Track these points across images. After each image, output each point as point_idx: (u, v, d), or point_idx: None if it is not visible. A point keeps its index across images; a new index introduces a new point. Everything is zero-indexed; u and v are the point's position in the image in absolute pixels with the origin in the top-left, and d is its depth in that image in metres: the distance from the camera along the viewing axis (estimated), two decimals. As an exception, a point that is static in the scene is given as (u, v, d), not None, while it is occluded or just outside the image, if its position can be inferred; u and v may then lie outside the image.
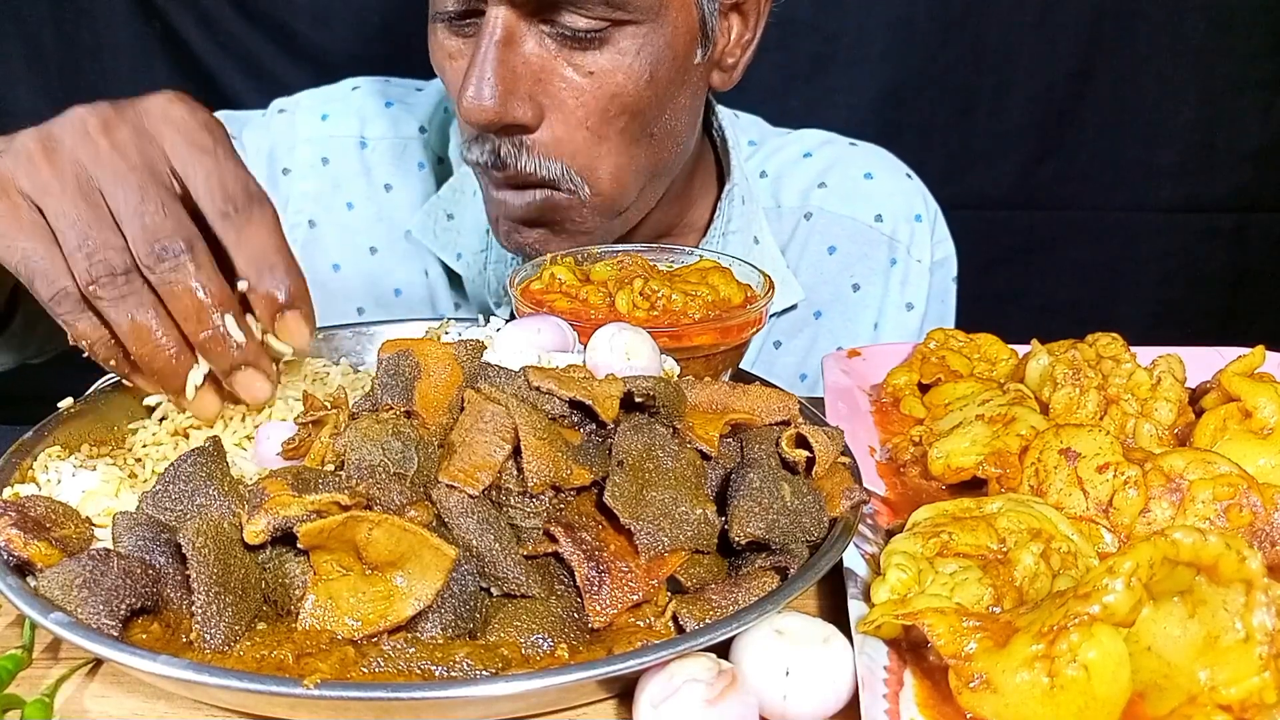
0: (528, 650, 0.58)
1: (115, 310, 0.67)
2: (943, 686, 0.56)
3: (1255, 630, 0.53)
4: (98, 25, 1.90)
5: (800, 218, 1.30)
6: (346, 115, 1.31)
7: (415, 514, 0.60)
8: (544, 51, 0.97)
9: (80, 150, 0.67)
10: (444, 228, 1.26)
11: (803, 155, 1.34)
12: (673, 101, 1.05)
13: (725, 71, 1.12)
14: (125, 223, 0.66)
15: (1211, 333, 2.13)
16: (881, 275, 1.31)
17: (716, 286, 0.90)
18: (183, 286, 0.67)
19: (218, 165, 0.68)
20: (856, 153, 1.36)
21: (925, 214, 1.34)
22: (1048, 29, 1.97)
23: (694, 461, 0.67)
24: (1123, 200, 2.10)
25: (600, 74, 0.98)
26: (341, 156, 1.30)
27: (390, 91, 1.34)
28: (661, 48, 0.99)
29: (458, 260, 1.25)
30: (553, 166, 1.00)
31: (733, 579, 0.63)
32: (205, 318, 0.68)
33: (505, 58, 0.95)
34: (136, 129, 0.69)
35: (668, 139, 1.07)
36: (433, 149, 1.31)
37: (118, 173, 0.67)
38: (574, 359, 0.75)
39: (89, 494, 0.68)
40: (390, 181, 1.30)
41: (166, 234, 0.66)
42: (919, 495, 0.78)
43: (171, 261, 0.66)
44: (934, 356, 0.96)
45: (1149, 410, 0.81)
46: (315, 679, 0.52)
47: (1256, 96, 2.03)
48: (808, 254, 1.30)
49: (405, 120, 1.32)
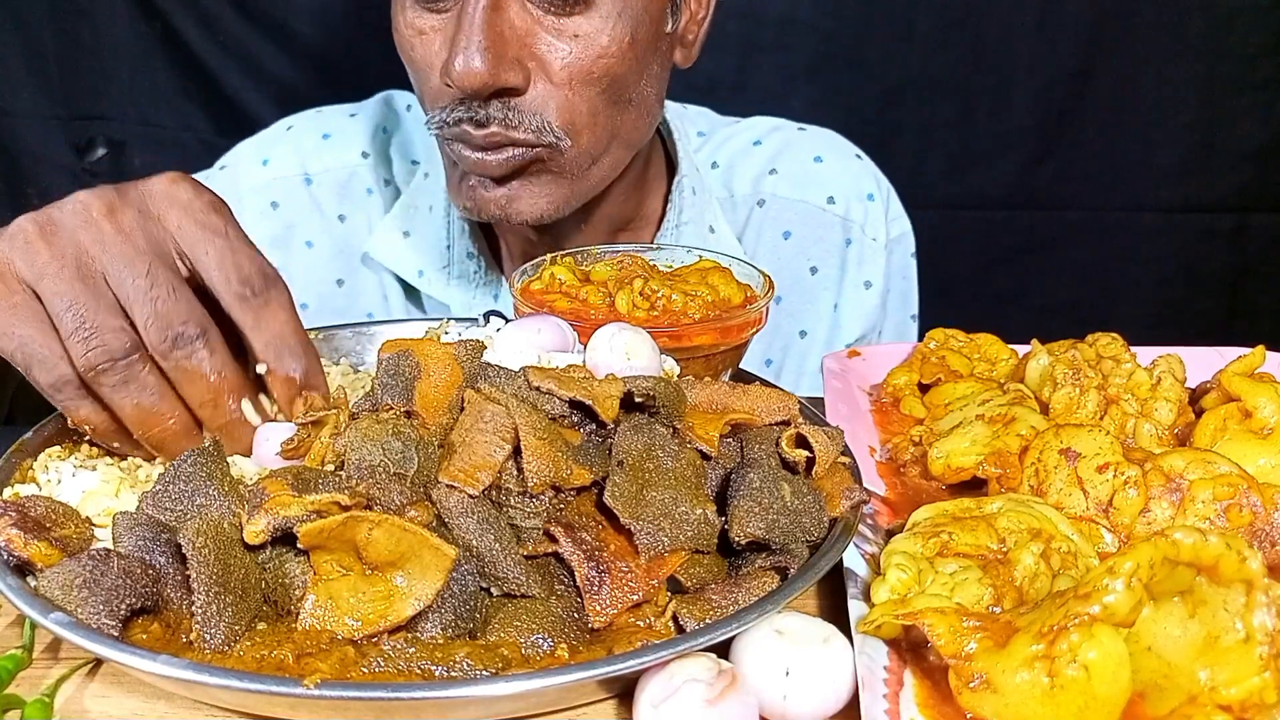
0: (528, 650, 0.58)
1: (118, 395, 0.66)
2: (943, 686, 0.56)
3: (1255, 630, 0.53)
4: (98, 25, 1.90)
5: (753, 205, 1.32)
6: (286, 156, 1.31)
7: (415, 514, 0.60)
8: (528, 16, 0.99)
9: (82, 234, 0.66)
10: (402, 246, 1.26)
11: (752, 144, 1.35)
12: (648, 69, 1.07)
13: (686, 48, 1.14)
14: (134, 307, 0.65)
15: (1211, 333, 2.13)
16: (837, 256, 1.32)
17: (716, 286, 0.90)
18: (198, 374, 0.67)
19: (230, 247, 0.68)
20: (805, 137, 1.37)
21: (877, 193, 1.35)
22: (1048, 29, 1.97)
23: (694, 461, 0.67)
24: (1123, 200, 2.10)
25: (585, 37, 1.00)
26: (289, 197, 1.30)
27: (325, 123, 1.34)
28: (640, 11, 1.02)
29: (419, 278, 1.25)
30: (534, 121, 1.00)
31: (733, 579, 0.63)
32: (222, 404, 0.68)
33: (493, 22, 0.96)
34: (142, 211, 0.68)
35: (642, 106, 1.09)
36: (379, 172, 1.32)
37: (125, 256, 0.65)
38: (574, 359, 0.75)
39: (89, 494, 0.68)
40: (342, 212, 1.30)
41: (180, 319, 0.66)
42: (919, 495, 0.78)
43: (187, 349, 0.66)
44: (934, 356, 0.96)
45: (1149, 410, 0.81)
46: (315, 679, 0.52)
47: (1256, 96, 2.02)
48: (763, 241, 1.32)
49: (345, 149, 1.32)
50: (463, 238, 1.24)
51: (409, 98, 1.35)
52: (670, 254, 0.99)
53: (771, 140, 1.36)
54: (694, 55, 1.16)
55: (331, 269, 1.30)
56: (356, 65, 1.79)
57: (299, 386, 0.70)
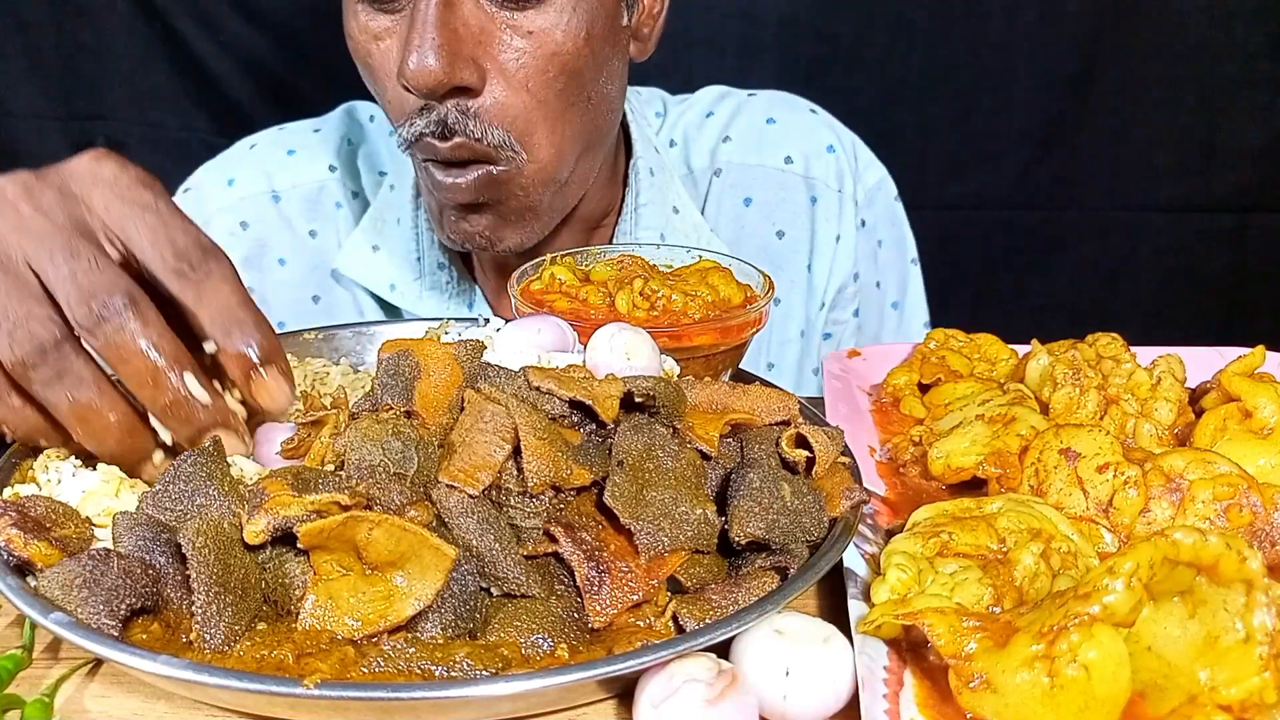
0: (528, 650, 0.58)
1: (51, 391, 0.61)
2: (943, 686, 0.56)
3: (1255, 630, 0.53)
4: (98, 25, 1.90)
5: (711, 176, 1.30)
6: (252, 174, 1.29)
7: (415, 514, 0.60)
8: (482, 13, 0.97)
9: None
10: (371, 261, 1.24)
11: (705, 116, 1.33)
12: (607, 64, 1.05)
13: (641, 41, 1.13)
14: (56, 287, 0.60)
15: (1211, 333, 2.13)
16: (804, 216, 1.30)
17: (716, 286, 0.90)
18: (131, 349, 0.60)
19: (162, 221, 0.63)
20: (756, 101, 1.35)
21: (838, 144, 1.32)
22: (1048, 29, 1.97)
23: (694, 461, 0.67)
24: (1123, 200, 2.10)
25: (539, 34, 0.98)
26: (258, 216, 1.28)
27: (288, 140, 1.32)
28: (594, 5, 1.00)
29: (392, 291, 1.23)
30: (495, 133, 0.99)
31: (733, 579, 0.63)
32: (162, 381, 0.61)
33: (446, 19, 0.94)
34: (62, 191, 0.63)
35: (602, 104, 1.08)
36: (347, 185, 1.30)
37: (42, 235, 0.60)
38: (574, 359, 0.75)
39: (89, 494, 0.68)
40: (313, 228, 1.29)
41: (104, 290, 0.60)
42: (919, 495, 0.78)
43: (115, 321, 0.60)
44: (934, 356, 0.96)
45: (1149, 410, 0.81)
46: (315, 679, 0.52)
47: (1256, 96, 2.02)
48: (724, 210, 1.30)
49: (312, 164, 1.30)
50: (433, 249, 1.22)
51: (372, 108, 1.33)
52: (670, 254, 0.99)
53: (722, 108, 1.33)
54: (649, 49, 1.14)
55: (306, 286, 1.28)
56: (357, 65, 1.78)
57: (252, 363, 0.64)
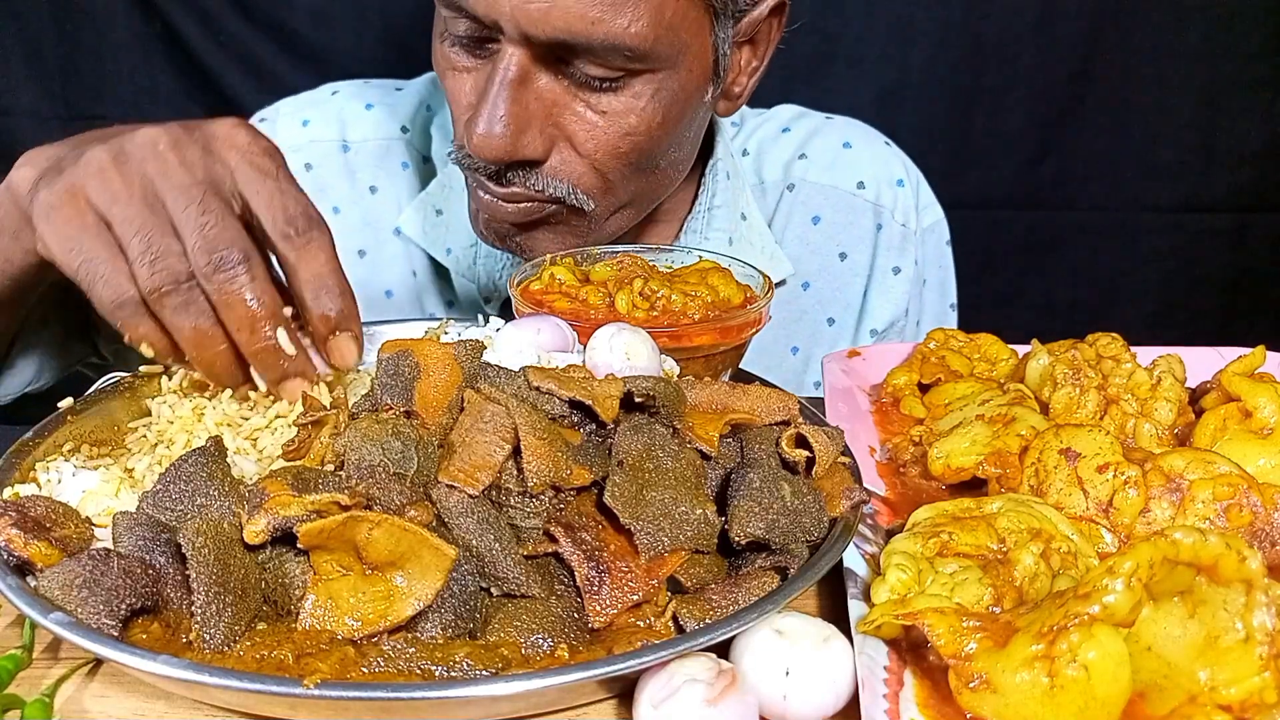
0: (528, 650, 0.58)
1: (178, 317, 0.70)
2: (943, 686, 0.56)
3: (1255, 630, 0.53)
4: (98, 25, 1.90)
5: (783, 190, 1.31)
6: (327, 120, 1.31)
7: (415, 514, 0.60)
8: (558, 88, 0.97)
9: (149, 165, 0.71)
10: (433, 224, 1.26)
11: (781, 130, 1.35)
12: (681, 137, 1.06)
13: (731, 100, 1.12)
14: (185, 233, 0.69)
15: (1211, 333, 2.13)
16: (868, 241, 1.32)
17: (716, 287, 0.90)
18: (237, 297, 0.70)
19: (279, 189, 0.72)
20: (833, 125, 1.37)
21: (907, 179, 1.34)
22: (1048, 29, 1.97)
23: (694, 461, 0.67)
24: (1123, 200, 2.10)
25: (613, 114, 0.97)
26: (324, 161, 1.29)
27: (370, 94, 1.33)
28: (676, 91, 0.99)
29: (447, 255, 1.25)
30: (559, 186, 1.00)
31: (733, 579, 0.63)
32: (258, 328, 0.71)
33: (518, 95, 0.94)
34: (204, 149, 0.72)
35: (670, 170, 1.09)
36: (416, 148, 1.31)
37: (183, 186, 0.70)
38: (574, 359, 0.75)
39: (89, 494, 0.68)
40: (375, 183, 1.30)
41: (224, 244, 0.69)
42: (919, 495, 0.78)
43: (229, 272, 0.69)
44: (934, 356, 0.96)
45: (1149, 410, 0.81)
46: (315, 679, 0.52)
47: (1256, 96, 2.02)
48: (792, 225, 1.31)
49: (387, 121, 1.31)
50: None
51: None
52: (670, 254, 0.99)
53: (799, 127, 1.35)
54: (739, 105, 1.14)
55: (356, 239, 1.29)
56: (357, 65, 1.78)
57: (333, 325, 0.73)
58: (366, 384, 0.80)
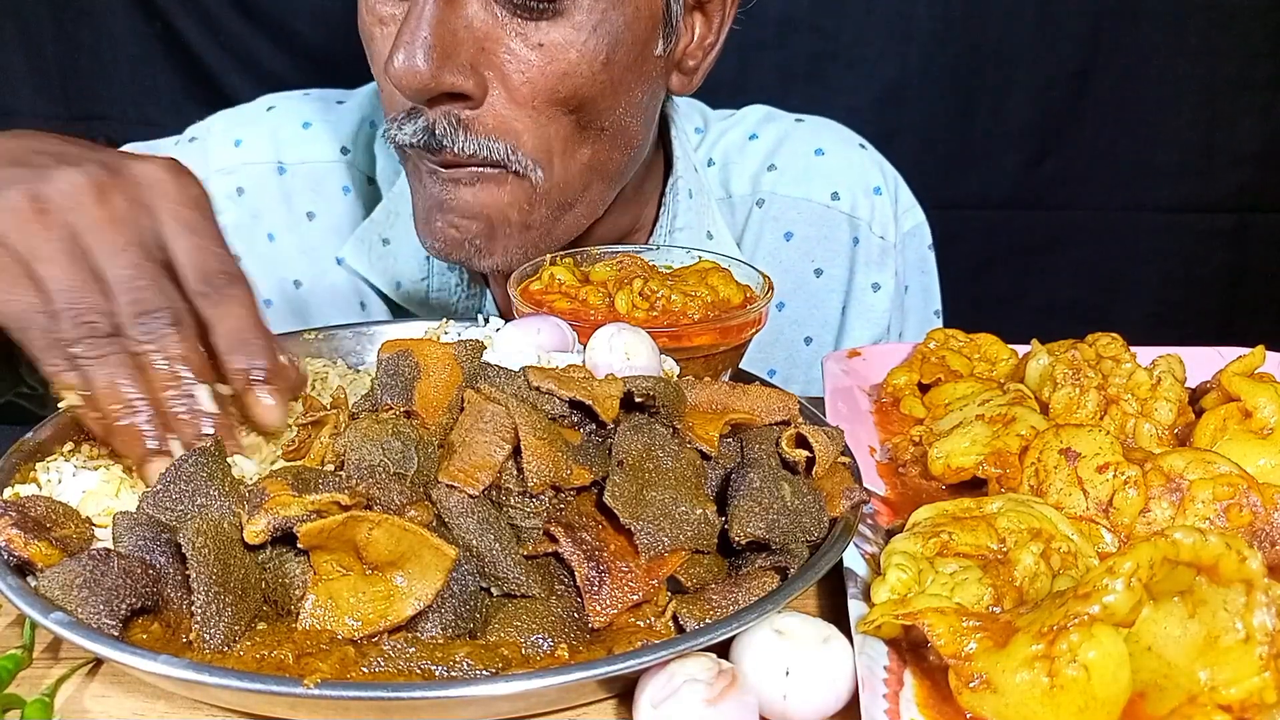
0: (528, 650, 0.58)
1: (94, 370, 0.68)
2: (943, 686, 0.56)
3: (1255, 630, 0.53)
4: (98, 25, 1.90)
5: (752, 205, 1.23)
6: (261, 140, 1.22)
7: (415, 514, 0.60)
8: (489, 17, 0.89)
9: (73, 215, 0.68)
10: (379, 255, 1.17)
11: (748, 138, 1.26)
12: (628, 94, 0.97)
13: (685, 74, 1.05)
14: (115, 288, 0.67)
15: (1211, 333, 2.12)
16: (844, 256, 1.24)
17: (716, 287, 0.90)
18: (161, 357, 0.68)
19: (199, 245, 0.70)
20: (804, 129, 1.28)
21: (884, 185, 1.26)
22: (1048, 29, 1.98)
23: (694, 461, 0.67)
24: (1123, 200, 2.10)
25: (551, 47, 0.90)
26: (258, 185, 1.21)
27: (308, 110, 1.25)
28: (620, 28, 0.92)
29: (397, 290, 1.17)
30: (497, 146, 0.92)
31: (733, 579, 0.63)
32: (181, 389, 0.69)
33: (445, 18, 0.87)
34: (131, 199, 0.69)
35: (620, 137, 1.00)
36: (360, 169, 1.22)
37: (113, 246, 0.68)
38: (574, 359, 0.75)
39: (89, 494, 0.68)
40: (313, 209, 1.21)
41: (154, 305, 0.68)
42: (919, 495, 0.78)
43: (157, 334, 0.68)
44: (934, 356, 0.96)
45: (1149, 410, 0.81)
46: (315, 679, 0.52)
47: (1256, 96, 2.03)
48: (763, 243, 1.24)
49: (325, 141, 1.22)
50: None
51: None
52: (670, 254, 0.99)
53: (767, 133, 1.26)
54: (695, 83, 1.06)
55: (291, 268, 1.21)
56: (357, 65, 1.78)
57: (250, 381, 0.70)
58: (366, 384, 0.80)
